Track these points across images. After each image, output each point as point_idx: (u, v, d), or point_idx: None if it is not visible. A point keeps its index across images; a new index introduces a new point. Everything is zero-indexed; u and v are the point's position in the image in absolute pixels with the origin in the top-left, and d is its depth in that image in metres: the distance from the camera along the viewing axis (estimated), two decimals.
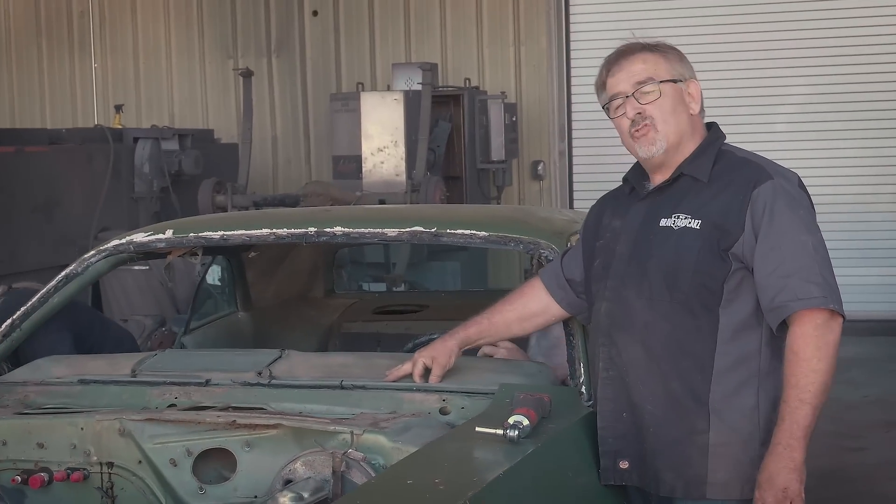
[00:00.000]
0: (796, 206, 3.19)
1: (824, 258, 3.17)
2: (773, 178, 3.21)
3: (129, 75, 13.55)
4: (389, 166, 10.38)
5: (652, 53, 3.34)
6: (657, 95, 3.27)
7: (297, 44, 13.01)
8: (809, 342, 3.06)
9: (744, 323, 3.19)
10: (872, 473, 6.93)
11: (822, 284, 3.11)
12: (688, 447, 3.20)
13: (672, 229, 3.22)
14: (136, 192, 10.19)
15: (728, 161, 3.29)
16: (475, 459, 3.02)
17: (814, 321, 3.07)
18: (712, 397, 3.18)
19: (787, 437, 3.06)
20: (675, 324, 3.20)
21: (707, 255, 3.17)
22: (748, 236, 3.15)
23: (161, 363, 3.91)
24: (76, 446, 3.49)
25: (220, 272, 6.21)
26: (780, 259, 3.12)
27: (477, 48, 12.47)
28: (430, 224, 4.02)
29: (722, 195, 3.21)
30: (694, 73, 3.38)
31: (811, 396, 3.05)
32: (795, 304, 3.09)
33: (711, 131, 3.39)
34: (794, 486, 3.05)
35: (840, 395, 8.86)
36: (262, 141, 12.75)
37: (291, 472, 3.24)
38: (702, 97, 3.36)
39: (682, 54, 3.39)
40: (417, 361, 3.59)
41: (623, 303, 3.28)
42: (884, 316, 11.58)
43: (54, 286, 4.21)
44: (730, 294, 3.18)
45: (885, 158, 11.79)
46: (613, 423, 3.30)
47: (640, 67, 3.30)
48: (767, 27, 11.93)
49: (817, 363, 3.06)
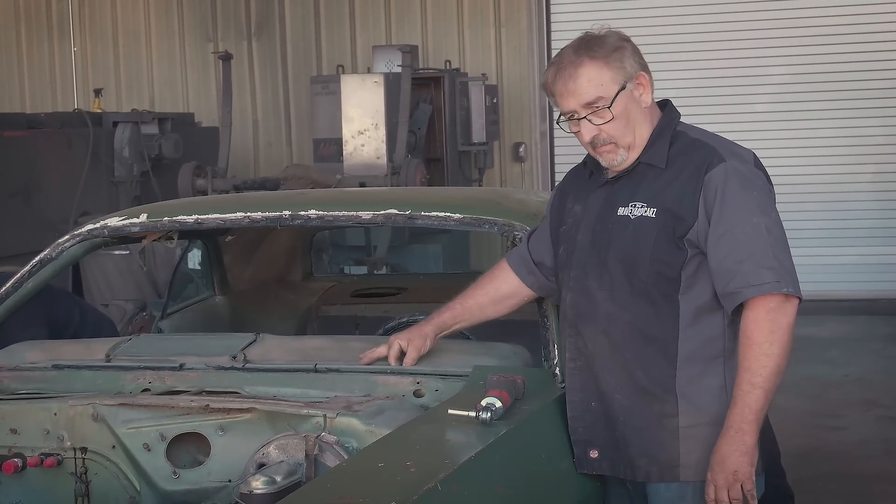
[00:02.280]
0: (749, 187, 3.17)
1: (779, 239, 3.15)
2: (725, 160, 3.18)
3: (108, 59, 13.50)
4: (370, 149, 10.37)
5: (594, 63, 3.20)
6: (610, 116, 3.22)
7: (277, 26, 12.97)
8: (762, 326, 3.07)
9: (705, 307, 3.19)
10: (851, 452, 6.96)
11: (775, 268, 3.09)
12: (658, 432, 3.22)
13: (629, 218, 3.22)
14: (116, 177, 10.16)
15: (682, 143, 3.26)
16: (447, 442, 3.03)
17: (766, 305, 3.07)
18: (678, 382, 3.20)
19: (739, 420, 3.08)
20: (637, 313, 3.22)
21: (663, 243, 3.17)
22: (702, 222, 3.14)
23: (135, 348, 3.90)
24: (49, 432, 3.48)
25: (200, 256, 6.19)
26: (732, 244, 3.11)
27: (457, 30, 12.46)
28: (404, 207, 4.02)
29: (676, 181, 3.20)
30: (640, 61, 3.26)
31: (763, 380, 3.07)
32: (748, 290, 3.09)
33: (666, 112, 3.35)
34: (745, 469, 3.08)
35: (820, 375, 8.92)
36: (243, 124, 12.72)
37: (265, 455, 3.24)
38: (651, 82, 3.27)
39: (625, 44, 3.25)
40: (393, 344, 3.58)
41: (586, 293, 3.29)
42: (863, 295, 11.63)
43: (28, 271, 4.20)
44: (688, 280, 3.18)
45: (863, 139, 11.83)
46: (582, 412, 3.32)
47: (586, 86, 3.20)
48: (745, 9, 11.94)
49: (769, 347, 3.07)
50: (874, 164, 11.88)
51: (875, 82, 11.73)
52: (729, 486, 3.09)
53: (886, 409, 7.96)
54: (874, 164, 11.88)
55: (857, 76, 11.76)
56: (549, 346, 3.57)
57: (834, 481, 6.42)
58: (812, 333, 10.50)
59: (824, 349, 9.96)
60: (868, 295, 11.62)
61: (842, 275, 11.81)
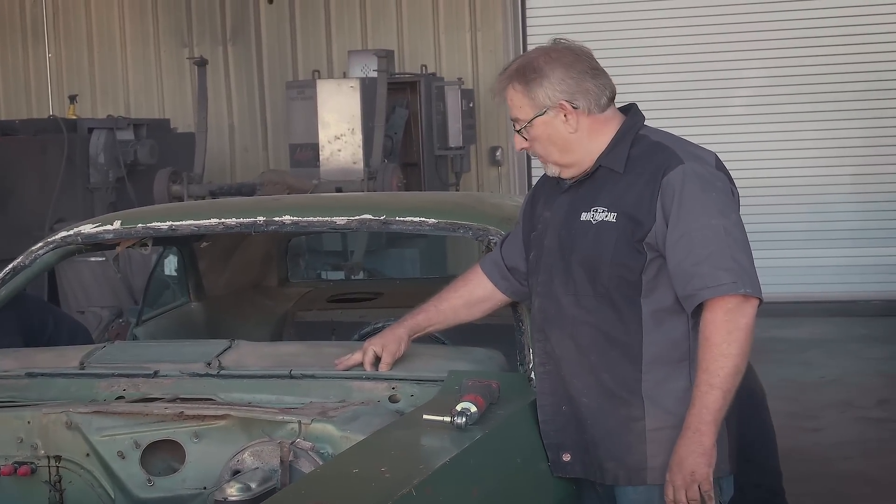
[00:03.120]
0: (708, 189, 3.18)
1: (738, 240, 3.16)
2: (683, 162, 3.19)
3: (83, 64, 13.45)
4: (346, 154, 10.35)
5: (514, 89, 3.27)
6: (530, 135, 3.30)
7: (252, 31, 12.95)
8: (720, 327, 3.08)
9: (667, 310, 3.21)
10: (829, 453, 6.98)
11: (732, 269, 3.10)
12: (626, 435, 3.23)
13: (591, 223, 3.25)
14: (92, 183, 10.12)
15: (642, 147, 3.28)
16: (422, 447, 3.03)
17: (724, 307, 3.08)
18: (644, 385, 3.22)
19: (697, 421, 3.09)
20: (600, 317, 3.24)
21: (623, 247, 3.19)
22: (660, 225, 3.16)
23: (110, 355, 3.88)
24: (23, 440, 3.47)
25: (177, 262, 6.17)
26: (689, 246, 3.12)
27: (433, 34, 12.46)
28: (378, 211, 4.02)
29: (635, 185, 3.21)
30: (568, 87, 3.23)
31: (721, 381, 3.07)
32: (705, 292, 3.10)
33: (629, 117, 3.36)
34: (702, 470, 3.09)
35: (797, 376, 8.95)
36: (219, 129, 12.69)
37: (239, 462, 3.24)
38: (578, 108, 3.24)
39: (557, 69, 3.25)
40: (367, 350, 3.58)
41: (552, 298, 3.31)
42: (841, 297, 11.66)
43: (1, 279, 4.18)
44: (649, 284, 3.20)
45: (842, 141, 11.86)
46: (553, 416, 3.33)
47: (510, 105, 3.30)
48: (725, 11, 11.97)
49: (727, 348, 3.07)
50: (852, 165, 11.92)
51: (854, 84, 11.77)
52: (686, 486, 3.10)
53: (863, 410, 7.99)
54: (852, 166, 11.92)
55: (836, 77, 11.79)
56: (523, 351, 3.57)
57: (811, 482, 6.43)
58: (789, 335, 10.54)
59: (801, 350, 9.99)
60: (845, 296, 11.66)
61: (820, 276, 11.84)
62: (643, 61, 12.00)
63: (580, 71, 3.27)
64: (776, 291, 11.68)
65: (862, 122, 11.84)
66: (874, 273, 11.74)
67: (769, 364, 8.94)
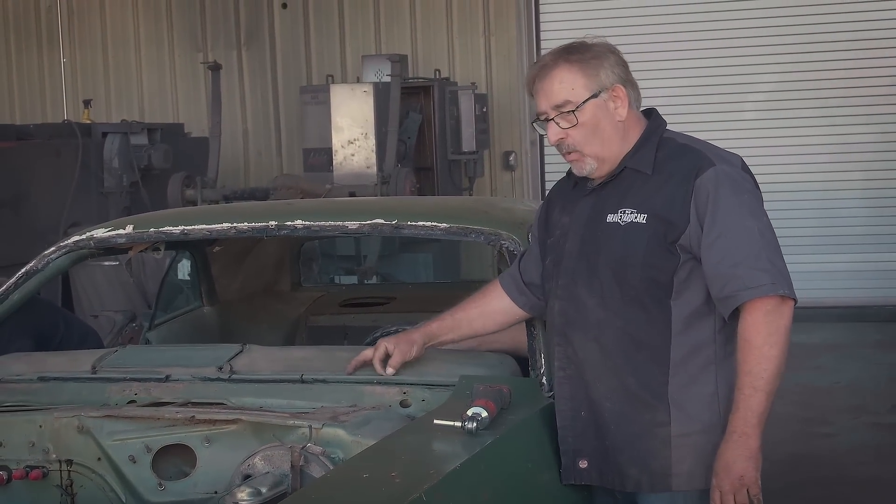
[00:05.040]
0: (740, 191, 3.16)
1: (771, 242, 3.15)
2: (715, 164, 3.18)
3: (97, 69, 13.49)
4: (360, 158, 10.37)
5: (569, 67, 3.22)
6: (575, 121, 3.23)
7: (266, 36, 12.97)
8: (761, 329, 3.06)
9: (696, 312, 3.18)
10: (841, 459, 6.97)
11: (770, 270, 3.09)
12: (650, 441, 3.20)
13: (619, 225, 3.21)
14: (106, 188, 10.14)
15: (670, 149, 3.25)
16: (432, 452, 3.03)
17: (763, 308, 3.06)
18: (671, 389, 3.19)
19: (742, 424, 3.06)
20: (628, 319, 3.20)
21: (655, 249, 3.16)
22: (694, 227, 3.13)
23: (122, 359, 3.89)
24: (35, 444, 3.48)
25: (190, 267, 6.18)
26: (726, 248, 3.10)
27: (447, 39, 12.46)
28: (391, 216, 4.02)
29: (665, 186, 3.18)
30: (621, 73, 3.24)
31: (764, 383, 3.06)
32: (745, 293, 3.08)
33: (651, 120, 3.34)
34: (751, 474, 3.06)
35: (810, 381, 8.92)
36: (233, 134, 12.71)
37: (250, 466, 3.23)
38: (629, 96, 3.26)
39: (608, 55, 3.25)
40: (379, 346, 3.58)
41: (575, 301, 3.27)
42: (853, 302, 11.63)
43: (14, 283, 4.19)
44: (680, 285, 3.17)
45: (853, 146, 11.84)
46: (572, 421, 3.30)
47: (557, 88, 3.22)
48: (737, 17, 11.96)
49: (769, 350, 3.06)
50: (863, 170, 11.89)
51: (865, 89, 11.74)
52: (735, 491, 3.06)
53: (876, 415, 7.97)
54: (863, 171, 11.89)
55: (848, 83, 11.76)
56: (535, 356, 3.57)
57: (824, 487, 6.43)
58: (802, 340, 10.48)
59: (814, 356, 9.96)
60: (858, 302, 11.63)
61: (832, 281, 11.81)
62: (657, 66, 11.98)
63: (626, 63, 3.28)
64: None
65: (874, 127, 11.81)
66: (887, 278, 11.71)
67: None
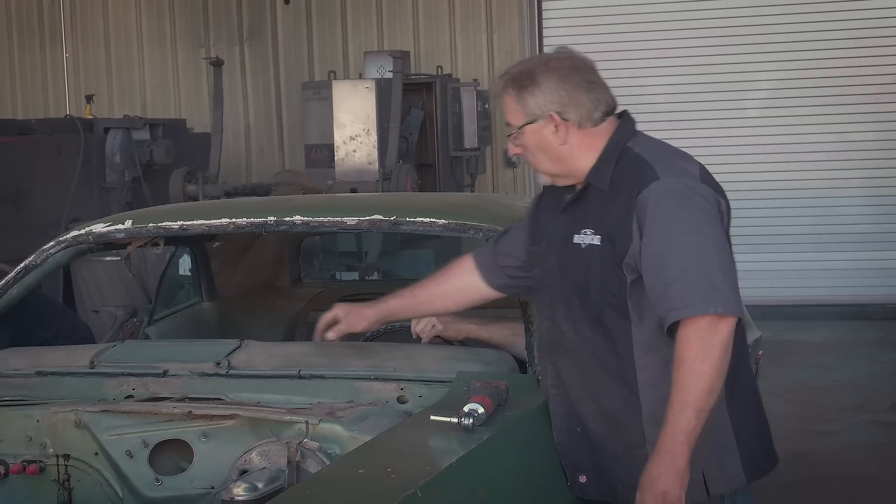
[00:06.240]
0: (682, 206, 3.06)
1: (711, 257, 3.02)
2: (659, 178, 3.08)
3: (100, 64, 13.50)
4: (362, 155, 10.37)
5: (508, 93, 3.23)
6: (520, 142, 3.26)
7: (269, 32, 12.97)
8: (692, 345, 2.97)
9: (657, 332, 3.11)
10: (841, 457, 6.97)
11: (703, 289, 2.98)
12: (631, 461, 3.17)
13: (580, 247, 3.19)
14: (108, 183, 10.15)
15: (626, 162, 3.19)
16: (429, 448, 3.03)
17: (695, 325, 2.97)
18: (644, 411, 3.16)
19: (670, 441, 2.98)
20: (595, 344, 3.20)
21: (607, 271, 3.13)
22: (636, 245, 3.07)
23: (119, 354, 3.89)
24: (32, 438, 3.48)
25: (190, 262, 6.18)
26: (661, 266, 3.02)
27: (449, 35, 12.46)
28: (389, 212, 4.02)
29: (616, 204, 3.13)
30: (561, 98, 3.17)
31: (694, 399, 2.96)
32: (673, 313, 3.00)
33: (617, 128, 3.26)
34: (674, 492, 2.98)
35: (810, 380, 8.94)
36: (235, 130, 12.72)
37: (247, 462, 3.24)
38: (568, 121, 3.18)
39: (550, 80, 3.19)
40: (331, 311, 3.63)
41: (556, 322, 3.28)
42: (854, 300, 11.63)
43: (13, 277, 4.19)
44: (636, 307, 3.12)
45: (854, 144, 11.84)
46: (568, 437, 3.30)
47: (504, 109, 3.26)
48: (736, 14, 11.95)
49: (699, 366, 2.95)
50: (864, 168, 11.89)
51: (865, 87, 11.75)
52: None
53: (876, 413, 7.97)
54: (864, 170, 11.89)
55: (848, 81, 11.77)
56: (533, 352, 3.56)
57: (823, 485, 6.43)
58: (802, 338, 10.52)
59: (815, 354, 9.97)
60: (859, 300, 11.63)
61: (832, 279, 11.81)
62: (657, 63, 12.00)
63: (575, 83, 3.19)
64: (789, 294, 11.70)
65: (874, 125, 11.81)
66: (888, 276, 11.71)
67: (782, 367, 8.93)
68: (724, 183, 3.28)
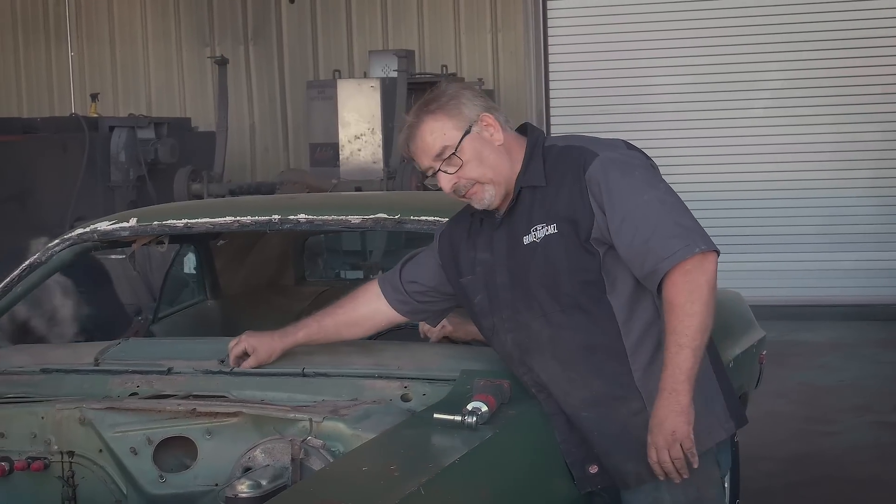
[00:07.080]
0: (628, 170, 3.23)
1: (675, 205, 3.20)
2: (598, 154, 3.24)
3: (105, 63, 13.51)
4: (366, 154, 10.40)
5: (433, 116, 3.28)
6: (461, 162, 3.28)
7: (273, 31, 12.99)
8: (681, 288, 3.11)
9: (633, 296, 3.25)
10: (844, 458, 6.96)
11: (680, 234, 3.14)
12: (633, 431, 3.23)
13: (536, 243, 3.27)
14: (112, 181, 10.18)
15: (554, 155, 3.32)
16: (432, 446, 3.03)
17: (682, 269, 3.11)
18: (636, 375, 3.25)
19: (672, 381, 3.11)
20: (575, 327, 3.26)
21: (575, 252, 3.23)
22: (599, 218, 3.20)
23: (124, 352, 3.89)
24: (37, 435, 3.48)
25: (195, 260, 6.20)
26: (633, 228, 3.16)
27: (454, 35, 12.47)
28: (393, 211, 4.04)
29: (562, 191, 3.25)
30: (482, 103, 3.33)
31: (689, 339, 3.10)
32: (663, 263, 3.12)
33: (529, 135, 3.39)
34: (682, 429, 3.11)
35: (814, 380, 8.93)
36: (240, 129, 12.73)
37: (251, 459, 3.24)
38: (498, 120, 3.32)
39: (462, 92, 3.35)
40: (241, 343, 3.63)
41: (524, 328, 3.32)
42: (858, 300, 11.62)
43: (18, 275, 4.20)
44: (609, 277, 3.23)
45: (859, 144, 11.84)
46: (569, 433, 3.33)
47: (430, 140, 3.27)
48: (742, 14, 11.96)
49: (691, 307, 3.10)
50: (869, 169, 11.88)
51: (872, 87, 11.74)
52: (669, 446, 3.12)
53: (880, 414, 7.96)
54: (869, 170, 11.88)
55: (854, 81, 11.76)
56: None
57: (826, 486, 6.43)
58: (806, 338, 10.52)
59: (819, 354, 9.97)
60: (863, 300, 11.62)
61: (837, 279, 11.81)
62: (662, 62, 11.99)
63: (484, 94, 3.41)
64: (793, 294, 11.69)
65: (879, 125, 11.81)
66: (892, 277, 11.70)
67: (786, 367, 8.93)
68: (728, 183, 3.37)
